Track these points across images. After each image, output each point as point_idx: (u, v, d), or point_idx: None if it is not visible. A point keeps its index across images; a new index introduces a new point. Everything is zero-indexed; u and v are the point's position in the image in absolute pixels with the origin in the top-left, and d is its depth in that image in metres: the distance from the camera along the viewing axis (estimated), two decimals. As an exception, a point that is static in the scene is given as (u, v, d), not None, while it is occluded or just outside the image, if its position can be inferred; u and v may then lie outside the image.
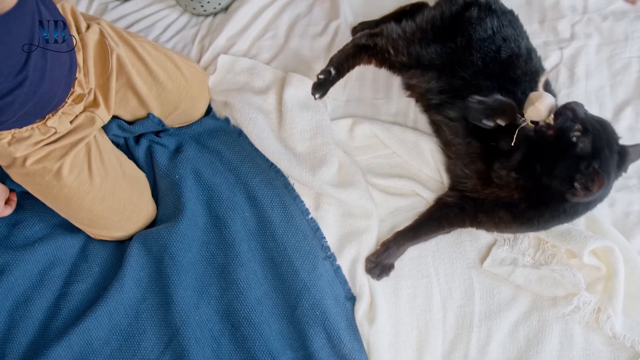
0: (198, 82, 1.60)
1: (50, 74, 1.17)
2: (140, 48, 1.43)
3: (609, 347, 1.40)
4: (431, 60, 1.51)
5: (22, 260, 1.48)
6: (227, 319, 1.45)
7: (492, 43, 1.47)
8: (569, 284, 1.41)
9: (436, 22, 1.55)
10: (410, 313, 1.46)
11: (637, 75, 1.71)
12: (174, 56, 1.53)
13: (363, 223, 1.54)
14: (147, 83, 1.47)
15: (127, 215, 1.45)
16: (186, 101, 1.58)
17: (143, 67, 1.44)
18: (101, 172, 1.38)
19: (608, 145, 1.27)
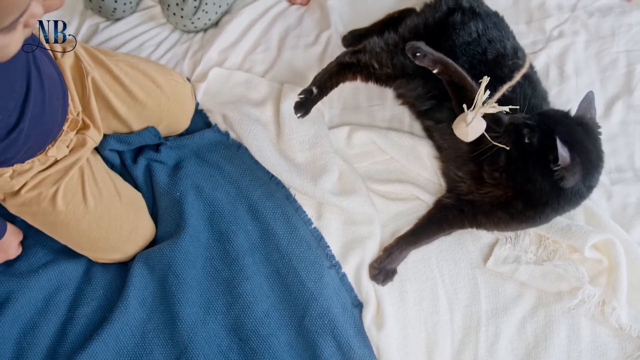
0: (180, 96, 1.61)
1: (49, 104, 1.21)
2: (117, 69, 1.45)
3: (615, 339, 1.44)
4: (415, 68, 1.54)
5: (27, 287, 1.48)
6: (234, 334, 1.46)
7: (478, 45, 1.52)
8: (572, 278, 1.44)
9: (419, 30, 1.59)
10: (417, 316, 1.48)
11: (625, 70, 1.76)
12: (153, 73, 1.53)
13: (366, 229, 1.56)
14: (125, 103, 1.49)
15: (125, 236, 1.46)
16: (168, 117, 1.60)
17: (120, 87, 1.46)
18: (95, 194, 1.40)
19: (561, 124, 1.29)
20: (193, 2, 1.79)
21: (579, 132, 1.28)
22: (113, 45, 1.84)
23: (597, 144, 1.32)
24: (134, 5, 1.87)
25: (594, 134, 1.32)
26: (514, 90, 1.45)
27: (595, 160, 1.30)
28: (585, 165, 1.27)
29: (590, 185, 1.32)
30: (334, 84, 1.62)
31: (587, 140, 1.28)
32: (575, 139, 1.25)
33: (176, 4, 1.80)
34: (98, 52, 1.45)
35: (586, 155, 1.27)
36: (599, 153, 1.32)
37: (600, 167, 1.33)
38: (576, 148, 1.24)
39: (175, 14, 1.81)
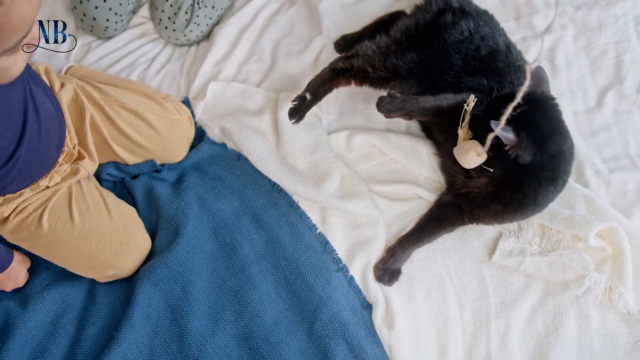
0: (175, 134, 1.63)
1: (44, 136, 1.24)
2: (110, 109, 1.49)
3: (625, 324, 1.47)
4: (409, 69, 1.59)
5: (34, 311, 1.49)
6: (244, 343, 1.47)
7: (471, 43, 1.56)
8: (578, 267, 1.47)
9: (410, 31, 1.63)
10: (427, 313, 1.50)
11: (614, 61, 1.81)
12: (146, 114, 1.55)
13: (370, 231, 1.59)
14: (120, 143, 1.53)
15: (116, 250, 1.46)
16: (164, 153, 1.63)
17: (114, 129, 1.50)
18: (82, 210, 1.42)
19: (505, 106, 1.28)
20: (185, 15, 1.83)
21: (524, 109, 1.25)
22: (106, 64, 1.86)
23: (548, 115, 1.32)
24: (124, 23, 1.90)
25: (545, 106, 1.32)
26: (511, 84, 1.49)
27: (547, 130, 1.30)
28: (536, 137, 1.27)
29: (551, 154, 1.32)
30: (327, 90, 1.66)
31: (534, 114, 1.28)
32: (519, 116, 1.24)
33: (168, 17, 1.83)
34: (93, 90, 1.49)
35: (535, 128, 1.28)
36: (551, 122, 1.32)
37: (557, 134, 1.32)
38: (521, 124, 1.25)
39: (167, 28, 1.84)
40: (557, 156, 1.34)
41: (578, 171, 1.65)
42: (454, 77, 1.54)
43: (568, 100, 1.75)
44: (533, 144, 1.26)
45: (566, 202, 1.58)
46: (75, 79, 1.51)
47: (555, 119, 1.33)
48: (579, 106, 1.75)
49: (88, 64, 1.85)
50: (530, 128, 1.27)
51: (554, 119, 1.33)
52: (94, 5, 1.79)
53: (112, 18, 1.83)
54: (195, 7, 1.83)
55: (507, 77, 1.50)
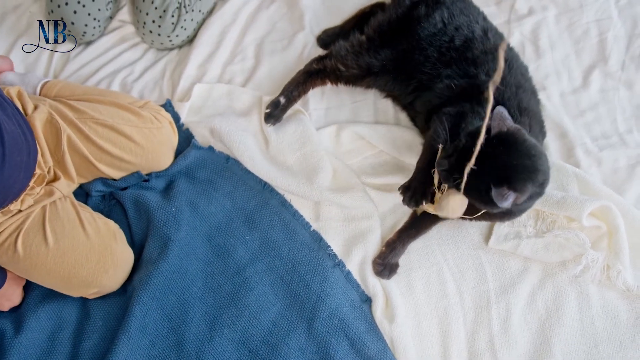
0: (156, 142, 1.62)
1: (9, 160, 1.24)
2: (86, 128, 1.49)
3: (625, 301, 1.49)
4: (382, 66, 1.62)
5: (30, 329, 1.48)
6: (243, 346, 1.47)
7: (445, 34, 1.57)
8: (574, 246, 1.49)
9: (383, 28, 1.66)
10: (427, 302, 1.52)
11: (598, 39, 1.85)
12: (124, 127, 1.54)
13: (365, 224, 1.60)
14: (102, 160, 1.54)
15: (94, 267, 1.45)
16: (148, 163, 1.63)
17: (92, 146, 1.50)
18: (57, 231, 1.42)
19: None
20: (171, 18, 1.82)
21: (495, 149, 1.25)
22: (87, 73, 1.87)
23: (516, 152, 1.26)
24: (102, 28, 1.90)
25: (514, 145, 1.26)
26: (487, 73, 1.51)
27: (525, 168, 1.26)
28: (524, 177, 1.25)
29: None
30: (302, 92, 1.72)
31: (505, 154, 1.25)
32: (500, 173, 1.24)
33: (152, 21, 1.83)
34: (67, 110, 1.49)
35: (521, 172, 1.25)
36: (520, 159, 1.26)
37: (533, 170, 1.27)
38: (511, 180, 1.23)
39: (152, 32, 1.84)
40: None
41: (568, 151, 1.68)
42: (431, 68, 1.56)
43: (554, 81, 1.78)
44: (529, 183, 1.25)
45: (558, 183, 1.60)
46: (49, 100, 1.52)
47: (532, 151, 1.28)
48: (565, 86, 1.78)
49: (68, 74, 1.86)
50: (519, 171, 1.25)
51: (531, 151, 1.28)
52: (73, 10, 1.79)
53: (91, 23, 1.83)
54: (182, 11, 1.84)
55: (485, 65, 1.51)
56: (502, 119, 1.26)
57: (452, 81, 1.52)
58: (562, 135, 1.69)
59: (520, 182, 1.24)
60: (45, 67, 1.87)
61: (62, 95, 1.62)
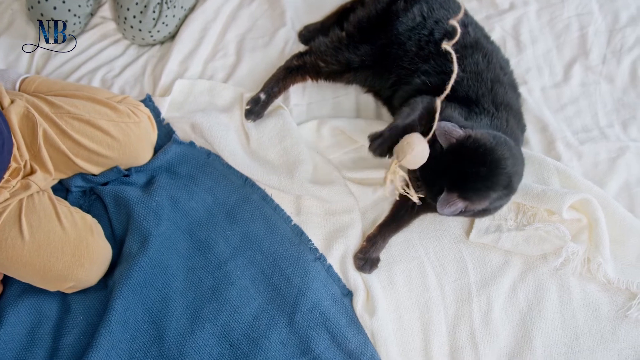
0: (134, 136, 1.61)
1: None
2: (62, 122, 1.49)
3: (605, 293, 1.49)
4: (362, 61, 1.64)
5: (9, 323, 1.47)
6: (225, 340, 1.47)
7: (424, 28, 1.59)
8: (555, 238, 1.49)
9: (363, 24, 1.67)
10: (408, 296, 1.52)
11: (579, 34, 1.86)
12: (101, 122, 1.54)
13: (346, 218, 1.61)
14: (79, 155, 1.54)
15: (69, 261, 1.44)
16: (126, 159, 1.63)
17: (69, 141, 1.51)
18: (33, 223, 1.42)
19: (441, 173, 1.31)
20: (152, 13, 1.83)
21: (453, 167, 1.28)
22: (68, 70, 1.88)
23: (470, 161, 1.28)
24: (82, 25, 1.91)
25: (467, 153, 1.28)
26: (464, 70, 1.51)
27: (482, 177, 1.28)
28: (477, 186, 1.28)
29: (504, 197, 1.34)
30: (282, 89, 1.75)
31: (463, 166, 1.28)
32: (455, 179, 1.27)
33: (133, 16, 1.83)
34: (44, 104, 1.50)
35: (471, 178, 1.27)
36: (475, 167, 1.28)
37: (492, 178, 1.29)
38: (466, 188, 1.27)
39: (133, 27, 1.84)
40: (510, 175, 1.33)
41: (549, 145, 1.69)
42: (409, 63, 1.57)
43: (535, 76, 1.79)
44: (484, 192, 1.28)
45: (539, 177, 1.60)
46: (26, 95, 1.52)
47: (488, 157, 1.28)
48: (547, 80, 1.80)
49: (50, 71, 1.86)
50: (472, 181, 1.27)
51: (487, 157, 1.28)
52: (53, 6, 1.80)
53: (71, 19, 1.84)
54: (163, 7, 1.84)
55: (464, 60, 1.52)
56: (446, 133, 1.26)
57: (429, 78, 1.53)
58: (543, 129, 1.70)
59: (472, 191, 1.27)
60: (27, 64, 1.88)
61: (40, 90, 1.62)
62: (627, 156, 1.65)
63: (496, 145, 1.28)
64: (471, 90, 1.49)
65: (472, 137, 1.27)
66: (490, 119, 1.45)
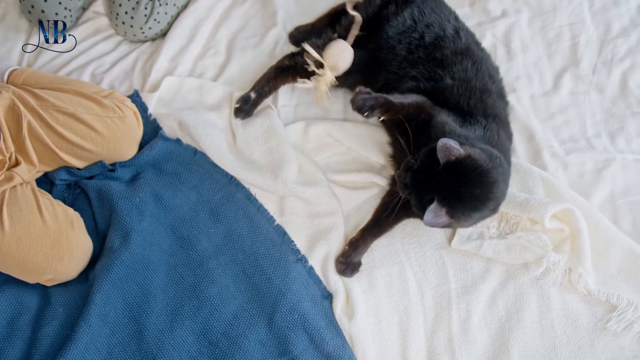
0: (118, 132, 1.62)
1: None
2: (47, 115, 1.50)
3: (585, 305, 1.49)
4: (353, 64, 1.63)
5: (-13, 313, 1.49)
6: (203, 338, 1.48)
7: (415, 31, 1.60)
8: (536, 248, 1.50)
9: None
10: (388, 301, 1.52)
11: (569, 43, 1.85)
12: (85, 116, 1.55)
13: (329, 220, 1.61)
14: (63, 149, 1.54)
15: (48, 253, 1.45)
16: (110, 153, 1.63)
17: (54, 134, 1.51)
18: (14, 215, 1.43)
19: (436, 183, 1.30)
20: (144, 10, 1.84)
21: (448, 181, 1.28)
22: (59, 64, 1.89)
23: (466, 181, 1.28)
24: (73, 19, 1.92)
25: (464, 173, 1.27)
26: (452, 77, 1.51)
27: (474, 197, 1.28)
28: (470, 210, 1.29)
29: (484, 216, 1.35)
30: (272, 88, 1.75)
31: (457, 184, 1.27)
32: (453, 194, 1.27)
33: (125, 12, 1.84)
34: (30, 97, 1.51)
35: (464, 197, 1.28)
36: (470, 188, 1.28)
37: (490, 201, 1.30)
38: (454, 203, 1.27)
39: (124, 23, 1.85)
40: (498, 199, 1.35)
41: (535, 154, 1.69)
42: (398, 68, 1.58)
43: (525, 83, 1.79)
44: (472, 212, 1.29)
45: (524, 185, 1.60)
46: (13, 87, 1.53)
47: (483, 179, 1.28)
48: (536, 89, 1.79)
49: (41, 65, 1.87)
50: (463, 200, 1.27)
51: (482, 179, 1.28)
52: None
53: (62, 12, 1.85)
54: (155, 4, 1.85)
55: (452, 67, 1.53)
56: (447, 150, 1.26)
57: (418, 83, 1.54)
58: (530, 138, 1.70)
59: (460, 210, 1.28)
60: (19, 57, 1.89)
61: (28, 83, 1.63)
62: (613, 167, 1.64)
63: (492, 168, 1.29)
64: (462, 99, 1.49)
65: (471, 157, 1.27)
66: (483, 130, 1.45)
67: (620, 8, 1.90)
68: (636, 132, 1.71)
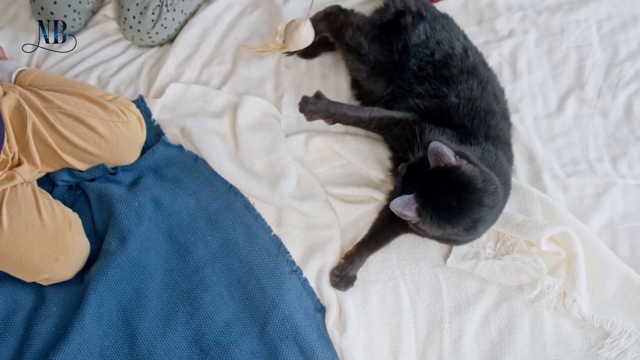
0: (121, 136, 1.64)
1: None
2: (52, 117, 1.52)
3: (579, 330, 1.48)
4: (367, 52, 1.65)
5: (-19, 310, 1.51)
6: (195, 345, 1.49)
7: (426, 47, 1.61)
8: (532, 270, 1.49)
9: (376, 25, 1.69)
10: (381, 316, 1.52)
11: (576, 65, 1.85)
12: (90, 119, 1.57)
13: (326, 233, 1.62)
14: (66, 150, 1.57)
15: (45, 253, 1.47)
16: (112, 157, 1.65)
17: (57, 136, 1.54)
18: (13, 213, 1.45)
19: (419, 183, 1.31)
20: (151, 15, 1.86)
21: (433, 185, 1.28)
22: (67, 66, 1.91)
23: (456, 189, 1.27)
24: (82, 21, 1.94)
25: (452, 180, 1.27)
26: (457, 95, 1.52)
27: (457, 206, 1.28)
28: (443, 215, 1.28)
29: (465, 227, 1.32)
30: (322, 29, 1.76)
31: (442, 191, 1.27)
32: (427, 194, 1.27)
33: (133, 17, 1.86)
34: (36, 98, 1.53)
35: (442, 206, 1.27)
36: (460, 198, 1.28)
37: (468, 209, 1.29)
38: (428, 203, 1.27)
39: (132, 27, 1.87)
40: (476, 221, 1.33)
41: (536, 175, 1.68)
42: (406, 83, 1.59)
43: (528, 104, 1.79)
44: (441, 221, 1.27)
45: (522, 206, 1.60)
46: (20, 88, 1.56)
47: (464, 195, 1.28)
48: (540, 110, 1.79)
49: (49, 66, 1.90)
50: (437, 206, 1.27)
51: (463, 194, 1.28)
52: (53, 0, 1.82)
53: (70, 15, 1.87)
54: (163, 9, 1.87)
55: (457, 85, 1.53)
56: (437, 155, 1.27)
57: (423, 100, 1.54)
58: (531, 159, 1.70)
59: (429, 213, 1.27)
60: (28, 57, 1.92)
61: (35, 84, 1.66)
62: (613, 192, 1.64)
63: (480, 190, 1.28)
64: (466, 119, 1.49)
65: (461, 170, 1.26)
66: (482, 151, 1.45)
67: (628, 32, 1.89)
68: (639, 157, 1.70)
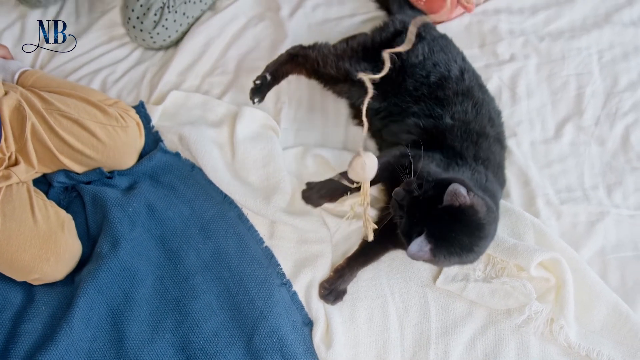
0: (120, 141, 1.66)
1: None
2: (51, 118, 1.54)
3: (565, 357, 1.48)
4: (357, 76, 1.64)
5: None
6: (182, 352, 1.49)
7: (423, 69, 1.61)
8: (520, 295, 1.49)
9: (367, 44, 1.72)
10: (367, 333, 1.52)
11: (575, 92, 1.85)
12: (89, 123, 1.59)
13: (317, 248, 1.63)
14: (64, 152, 1.59)
15: (36, 253, 1.48)
16: (110, 161, 1.67)
17: (56, 138, 1.55)
18: (6, 213, 1.46)
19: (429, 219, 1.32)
20: (153, 16, 1.89)
21: (445, 223, 1.30)
22: (70, 68, 1.93)
23: (468, 229, 1.31)
24: None
25: (465, 220, 1.30)
26: (452, 116, 1.53)
27: (468, 244, 1.32)
28: (455, 252, 1.31)
29: (472, 260, 1.38)
30: (284, 73, 1.79)
31: (454, 230, 1.30)
32: (440, 234, 1.29)
33: (137, 17, 1.90)
34: (37, 99, 1.55)
35: (455, 244, 1.30)
36: (472, 236, 1.32)
37: (477, 246, 1.33)
38: (441, 242, 1.30)
39: (135, 27, 1.91)
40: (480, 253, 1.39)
41: (530, 200, 1.69)
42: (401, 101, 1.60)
43: (526, 129, 1.79)
44: (452, 257, 1.32)
45: (515, 231, 1.60)
46: (21, 89, 1.58)
47: (475, 232, 1.32)
48: (537, 135, 1.80)
49: (53, 68, 1.92)
50: (450, 245, 1.31)
51: (474, 232, 1.32)
52: None
53: None
54: (165, 11, 1.90)
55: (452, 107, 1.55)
56: (455, 196, 1.28)
57: (420, 120, 1.54)
58: (526, 184, 1.70)
59: (444, 252, 1.30)
60: (33, 58, 1.94)
61: (37, 86, 1.68)
62: (606, 221, 1.64)
63: (487, 223, 1.33)
64: (457, 141, 1.51)
65: (474, 207, 1.29)
66: (471, 173, 1.46)
67: (629, 62, 1.90)
68: (634, 188, 1.70)
